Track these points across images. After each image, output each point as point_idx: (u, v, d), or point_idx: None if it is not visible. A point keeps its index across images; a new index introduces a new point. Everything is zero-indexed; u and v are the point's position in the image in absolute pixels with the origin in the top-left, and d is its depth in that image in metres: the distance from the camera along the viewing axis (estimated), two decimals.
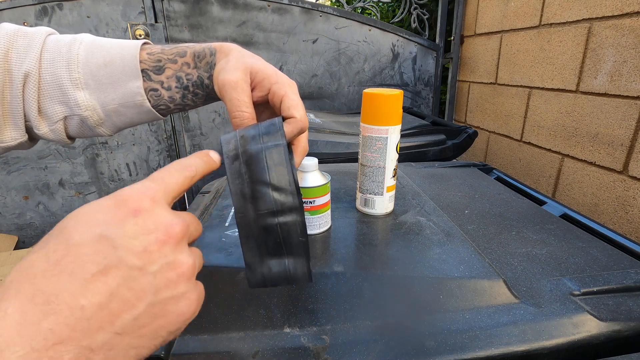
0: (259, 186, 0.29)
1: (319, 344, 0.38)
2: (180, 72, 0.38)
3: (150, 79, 0.37)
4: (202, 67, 0.38)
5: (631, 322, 0.41)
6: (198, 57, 0.38)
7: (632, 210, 0.94)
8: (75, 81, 0.35)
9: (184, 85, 0.38)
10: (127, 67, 0.36)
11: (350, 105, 1.70)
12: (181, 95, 0.39)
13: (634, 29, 0.89)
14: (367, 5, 1.67)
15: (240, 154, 0.30)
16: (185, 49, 0.39)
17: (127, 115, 0.39)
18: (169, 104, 0.39)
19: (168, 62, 0.38)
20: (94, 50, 0.36)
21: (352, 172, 0.83)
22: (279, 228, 0.30)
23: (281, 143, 0.30)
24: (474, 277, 0.45)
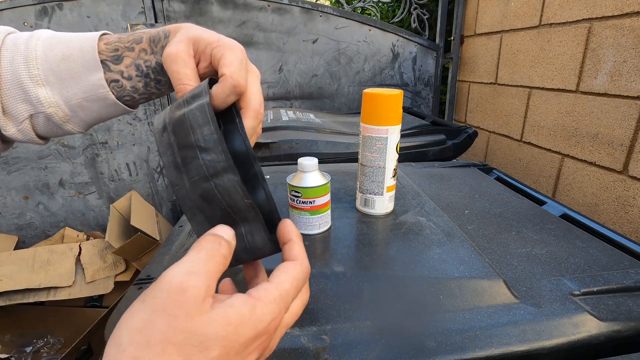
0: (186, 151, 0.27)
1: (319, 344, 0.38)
2: (139, 59, 0.36)
3: (110, 70, 0.36)
4: (159, 52, 0.36)
5: (631, 322, 0.41)
6: (154, 41, 0.36)
7: (632, 210, 0.94)
8: (35, 78, 0.34)
9: (144, 72, 0.37)
10: (86, 60, 0.35)
11: (350, 105, 1.70)
12: (144, 84, 0.37)
13: (634, 29, 0.89)
14: (367, 5, 1.67)
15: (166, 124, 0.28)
16: (142, 34, 0.37)
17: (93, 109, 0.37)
18: (132, 94, 0.37)
19: (125, 50, 0.36)
20: (52, 44, 0.35)
21: (352, 172, 0.83)
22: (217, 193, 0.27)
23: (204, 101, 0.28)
24: (474, 277, 0.45)
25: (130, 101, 0.38)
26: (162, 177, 1.59)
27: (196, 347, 0.20)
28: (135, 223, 1.24)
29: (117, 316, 0.45)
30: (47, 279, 1.15)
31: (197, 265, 0.22)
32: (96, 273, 1.21)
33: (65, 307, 1.20)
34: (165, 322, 0.20)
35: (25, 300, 1.11)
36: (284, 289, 0.24)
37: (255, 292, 0.23)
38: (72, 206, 1.51)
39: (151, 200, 1.60)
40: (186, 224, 0.68)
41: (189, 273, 0.21)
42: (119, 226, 1.36)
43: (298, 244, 0.28)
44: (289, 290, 0.25)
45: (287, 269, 0.26)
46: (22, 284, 1.11)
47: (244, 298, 0.23)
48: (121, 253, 1.23)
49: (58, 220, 1.52)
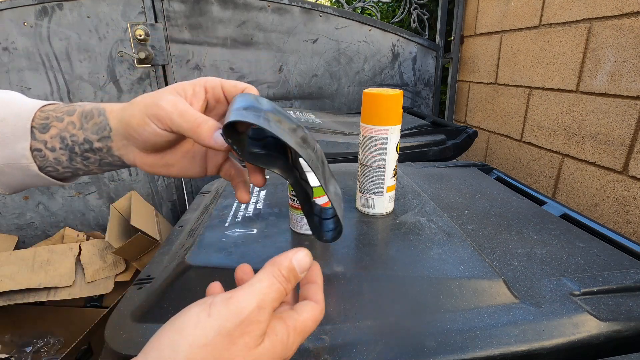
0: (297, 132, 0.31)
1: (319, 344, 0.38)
2: (65, 132, 0.34)
3: (36, 138, 0.33)
4: (90, 129, 0.34)
5: (631, 322, 0.41)
6: (85, 117, 0.34)
7: (632, 210, 0.94)
8: None
9: (68, 146, 0.34)
10: (18, 127, 0.33)
11: (350, 105, 1.70)
12: (68, 158, 0.35)
13: (634, 29, 0.89)
14: (367, 5, 1.67)
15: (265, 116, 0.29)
16: (76, 107, 0.35)
17: (15, 176, 0.35)
18: (56, 166, 0.35)
19: (55, 119, 0.34)
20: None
21: (352, 172, 0.83)
22: (323, 155, 0.35)
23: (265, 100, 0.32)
24: (474, 277, 0.45)
25: (54, 172, 0.35)
26: (162, 177, 1.59)
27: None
28: (135, 223, 1.24)
29: (117, 316, 0.45)
30: (47, 279, 1.15)
31: (267, 300, 0.24)
32: (96, 273, 1.21)
33: (65, 307, 1.19)
34: (225, 347, 0.22)
35: (25, 300, 1.11)
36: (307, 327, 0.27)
37: (289, 320, 0.26)
38: (72, 206, 1.51)
39: (151, 200, 1.59)
40: (186, 224, 0.68)
41: (259, 308, 0.24)
42: (119, 226, 1.36)
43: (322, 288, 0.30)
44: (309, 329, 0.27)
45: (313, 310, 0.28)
46: (22, 284, 1.11)
47: (283, 327, 0.25)
48: (121, 253, 1.23)
49: (58, 220, 1.52)
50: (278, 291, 0.25)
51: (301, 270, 0.27)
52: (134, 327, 0.43)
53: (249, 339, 0.23)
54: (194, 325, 0.22)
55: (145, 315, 0.44)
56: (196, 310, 0.23)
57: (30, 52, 1.30)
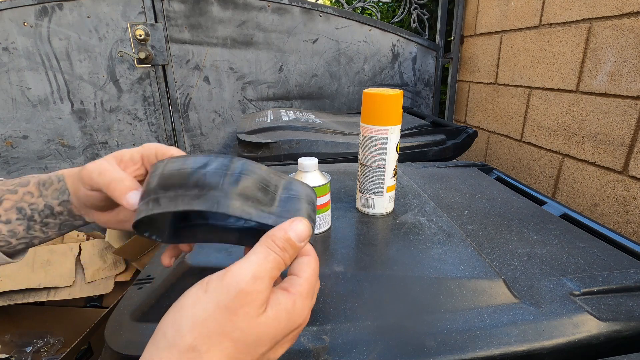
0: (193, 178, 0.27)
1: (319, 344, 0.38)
2: (22, 202, 0.34)
3: None
4: (50, 195, 0.35)
5: (631, 322, 0.41)
6: (44, 185, 0.35)
7: (632, 210, 0.94)
8: None
9: (27, 215, 0.35)
10: None
11: (350, 105, 1.70)
12: (25, 227, 0.35)
13: (634, 29, 0.89)
14: (367, 5, 1.67)
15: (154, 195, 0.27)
16: (29, 178, 0.36)
17: None
18: (9, 239, 0.35)
19: (7, 192, 0.34)
20: None
21: (352, 172, 0.83)
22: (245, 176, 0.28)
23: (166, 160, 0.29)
24: (474, 277, 0.45)
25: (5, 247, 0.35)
26: None
27: (250, 345, 0.23)
28: None
29: (117, 316, 0.45)
30: (47, 279, 1.15)
31: (263, 271, 0.24)
32: (96, 273, 1.21)
33: (65, 307, 1.19)
34: (226, 318, 0.22)
35: (25, 300, 1.11)
36: (311, 284, 0.27)
37: (292, 287, 0.26)
38: None
39: None
40: None
41: (255, 278, 0.23)
42: None
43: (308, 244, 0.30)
44: (314, 285, 0.27)
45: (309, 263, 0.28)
46: (22, 284, 1.11)
47: (286, 295, 0.25)
48: (121, 253, 1.23)
49: None
50: (274, 261, 0.25)
51: (299, 240, 0.27)
52: (134, 327, 0.43)
53: (249, 309, 0.23)
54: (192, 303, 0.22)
55: (145, 315, 0.44)
56: (194, 290, 0.23)
57: (30, 52, 1.30)
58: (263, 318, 0.23)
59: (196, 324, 0.22)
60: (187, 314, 0.22)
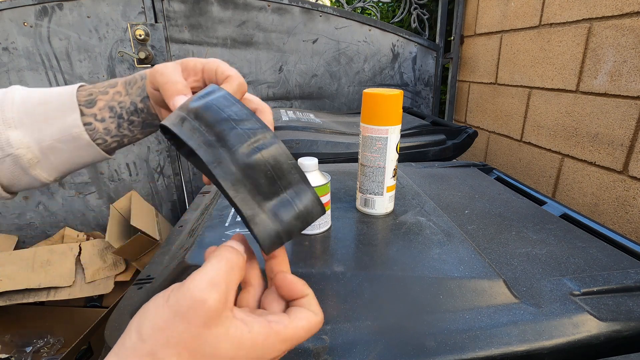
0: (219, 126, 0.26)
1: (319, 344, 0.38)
2: (113, 101, 0.38)
3: (84, 114, 0.36)
4: (134, 93, 0.38)
5: (631, 322, 0.41)
6: (129, 84, 0.38)
7: (632, 210, 0.94)
8: (8, 121, 0.34)
9: (117, 113, 0.38)
10: (63, 103, 0.36)
11: (350, 105, 1.70)
12: (116, 125, 0.38)
13: (634, 29, 0.89)
14: (367, 5, 1.67)
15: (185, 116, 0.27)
16: (117, 80, 0.39)
17: (64, 151, 0.37)
18: (105, 136, 0.38)
19: (99, 94, 0.37)
20: (30, 93, 0.36)
21: (352, 172, 0.83)
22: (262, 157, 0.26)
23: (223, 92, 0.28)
24: (474, 277, 0.45)
25: (102, 145, 0.38)
26: (162, 177, 1.59)
27: (206, 357, 0.22)
28: (135, 223, 1.24)
29: (117, 316, 0.45)
30: (47, 279, 1.15)
31: (218, 276, 0.23)
32: (96, 273, 1.21)
33: (65, 307, 1.19)
34: (184, 327, 0.22)
35: (25, 300, 1.11)
36: (297, 335, 0.25)
37: (275, 324, 0.24)
38: (72, 206, 1.51)
39: (151, 200, 1.59)
40: (186, 224, 0.68)
41: (210, 284, 0.23)
42: (119, 226, 1.36)
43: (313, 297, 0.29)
44: (300, 338, 0.26)
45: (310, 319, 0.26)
46: (22, 284, 1.11)
47: (264, 326, 0.24)
48: (121, 253, 1.23)
49: (58, 220, 1.52)
50: (228, 262, 0.24)
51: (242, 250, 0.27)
52: None
53: (205, 317, 0.22)
54: (155, 311, 0.23)
55: None
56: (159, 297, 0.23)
57: (30, 52, 1.30)
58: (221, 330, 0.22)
59: (157, 332, 0.22)
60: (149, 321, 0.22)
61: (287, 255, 0.32)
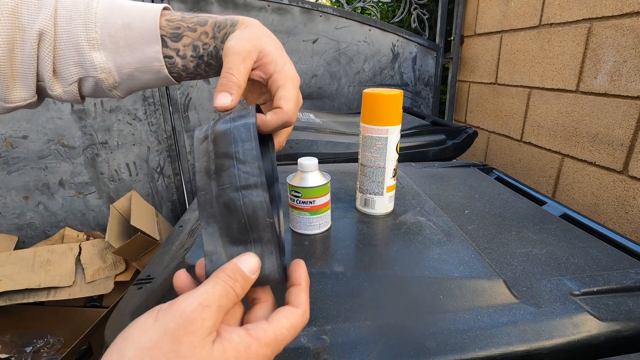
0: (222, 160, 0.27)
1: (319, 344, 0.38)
2: (198, 41, 0.37)
3: (167, 46, 0.36)
4: (220, 38, 0.37)
5: (631, 322, 0.41)
6: (218, 27, 0.37)
7: (632, 210, 0.94)
8: (92, 41, 0.34)
9: (199, 54, 0.37)
10: (146, 32, 0.35)
11: (350, 105, 1.70)
12: (195, 65, 0.38)
13: (634, 29, 0.89)
14: (367, 5, 1.67)
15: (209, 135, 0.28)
16: (207, 18, 0.38)
17: (142, 79, 0.38)
18: (181, 72, 0.38)
19: (187, 30, 0.37)
20: (113, 10, 0.35)
21: (352, 172, 0.83)
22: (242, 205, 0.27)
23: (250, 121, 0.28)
24: (474, 277, 0.45)
25: (176, 77, 0.39)
26: (162, 177, 1.59)
27: None
28: (135, 223, 1.24)
29: (117, 316, 0.45)
30: (47, 279, 1.15)
31: (211, 299, 0.23)
32: (96, 273, 1.21)
33: (65, 307, 1.19)
34: (170, 346, 0.21)
35: (25, 300, 1.11)
36: (281, 335, 0.25)
37: (254, 331, 0.24)
38: (72, 206, 1.51)
39: (151, 200, 1.59)
40: (186, 224, 0.68)
41: (202, 306, 0.23)
42: (119, 226, 1.36)
43: (305, 290, 0.28)
44: (285, 337, 0.25)
45: (289, 316, 0.26)
46: (22, 284, 1.11)
47: (243, 335, 0.24)
48: (121, 253, 1.23)
49: (58, 220, 1.52)
50: (223, 289, 0.24)
51: (250, 271, 0.26)
52: None
53: (194, 337, 0.22)
54: (139, 331, 0.22)
55: None
56: (143, 318, 0.23)
57: None
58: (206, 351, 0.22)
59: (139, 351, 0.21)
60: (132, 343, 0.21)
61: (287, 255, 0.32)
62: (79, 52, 0.34)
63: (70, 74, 0.35)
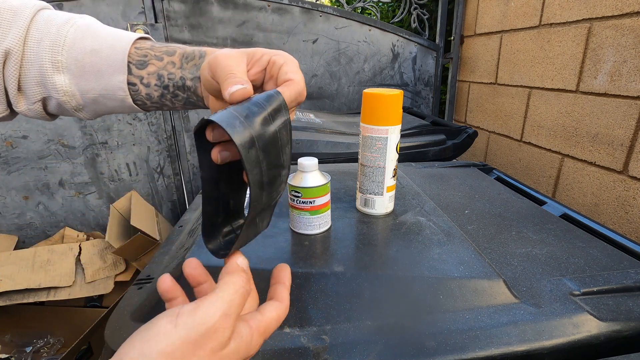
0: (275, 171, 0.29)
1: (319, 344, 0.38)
2: (164, 70, 0.37)
3: (131, 73, 0.36)
4: (188, 69, 0.37)
5: (631, 322, 0.41)
6: (186, 58, 0.37)
7: (632, 210, 0.94)
8: (57, 64, 0.34)
9: (164, 83, 0.37)
10: (114, 60, 0.35)
11: (350, 105, 1.70)
12: (160, 94, 0.38)
13: (634, 29, 0.89)
14: (367, 5, 1.67)
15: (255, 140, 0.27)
16: (176, 48, 0.38)
17: (106, 105, 0.38)
18: (145, 100, 0.38)
19: (154, 58, 0.37)
20: (85, 35, 0.35)
21: (352, 172, 0.83)
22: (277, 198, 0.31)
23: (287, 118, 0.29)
24: (474, 277, 0.45)
25: (141, 105, 0.39)
26: (162, 177, 1.59)
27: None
28: (135, 223, 1.24)
29: (117, 316, 0.45)
30: (47, 279, 1.15)
31: (232, 308, 0.25)
32: (96, 273, 1.21)
33: (65, 307, 1.19)
34: (192, 351, 0.23)
35: (25, 300, 1.11)
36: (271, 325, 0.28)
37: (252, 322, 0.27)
38: (72, 206, 1.51)
39: (151, 200, 1.59)
40: (186, 224, 0.68)
41: (224, 315, 0.24)
42: (119, 226, 1.36)
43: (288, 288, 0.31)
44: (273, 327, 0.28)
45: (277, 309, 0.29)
46: (22, 284, 1.11)
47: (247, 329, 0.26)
48: (121, 253, 1.23)
49: (58, 220, 1.52)
50: (242, 296, 0.26)
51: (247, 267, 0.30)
52: (134, 327, 0.43)
53: (215, 343, 0.23)
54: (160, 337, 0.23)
55: (145, 315, 0.44)
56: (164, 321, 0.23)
57: None
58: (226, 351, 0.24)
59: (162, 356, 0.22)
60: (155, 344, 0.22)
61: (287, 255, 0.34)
62: (42, 74, 0.35)
63: (34, 93, 0.36)
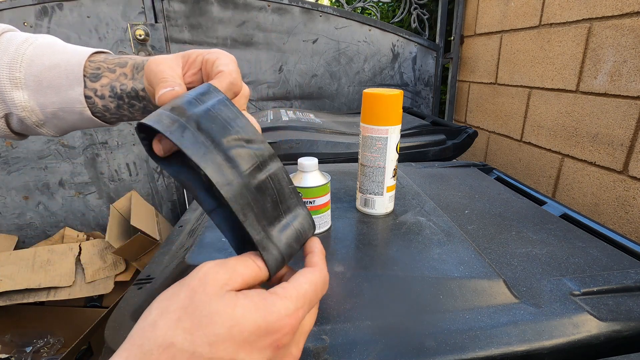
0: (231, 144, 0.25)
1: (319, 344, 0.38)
2: (116, 81, 0.37)
3: (86, 86, 0.37)
4: (139, 79, 0.37)
5: (631, 322, 0.41)
6: (136, 68, 0.38)
7: (632, 210, 0.94)
8: (15, 80, 0.35)
9: (117, 94, 0.38)
10: (70, 73, 0.36)
11: (350, 105, 1.70)
12: (116, 105, 0.38)
13: (634, 29, 0.89)
14: (367, 5, 1.67)
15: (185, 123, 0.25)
16: (128, 59, 0.38)
17: (68, 119, 0.38)
18: (104, 112, 0.39)
19: (106, 70, 0.37)
20: (44, 52, 0.36)
21: (352, 172, 0.83)
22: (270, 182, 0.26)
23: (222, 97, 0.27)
24: (474, 277, 0.45)
25: (102, 118, 0.39)
26: (162, 177, 1.59)
27: (205, 317, 0.22)
28: (135, 223, 1.24)
29: (117, 316, 0.45)
30: (47, 279, 1.15)
31: (228, 262, 0.25)
32: (96, 273, 1.21)
33: (65, 307, 1.19)
34: (186, 294, 0.23)
35: (25, 300, 1.11)
36: (302, 289, 0.26)
37: (272, 289, 0.26)
38: (72, 206, 1.51)
39: (151, 200, 1.59)
40: (186, 224, 0.68)
41: (217, 265, 0.25)
42: (119, 226, 1.36)
43: (319, 255, 0.30)
44: (307, 291, 0.26)
45: (306, 273, 0.27)
46: (22, 284, 1.11)
47: (260, 291, 0.25)
48: (121, 253, 1.23)
49: (58, 220, 1.52)
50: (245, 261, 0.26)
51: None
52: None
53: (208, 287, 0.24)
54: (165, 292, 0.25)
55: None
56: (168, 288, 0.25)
57: None
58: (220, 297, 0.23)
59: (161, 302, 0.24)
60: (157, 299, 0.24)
61: None
62: (1, 90, 0.35)
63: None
